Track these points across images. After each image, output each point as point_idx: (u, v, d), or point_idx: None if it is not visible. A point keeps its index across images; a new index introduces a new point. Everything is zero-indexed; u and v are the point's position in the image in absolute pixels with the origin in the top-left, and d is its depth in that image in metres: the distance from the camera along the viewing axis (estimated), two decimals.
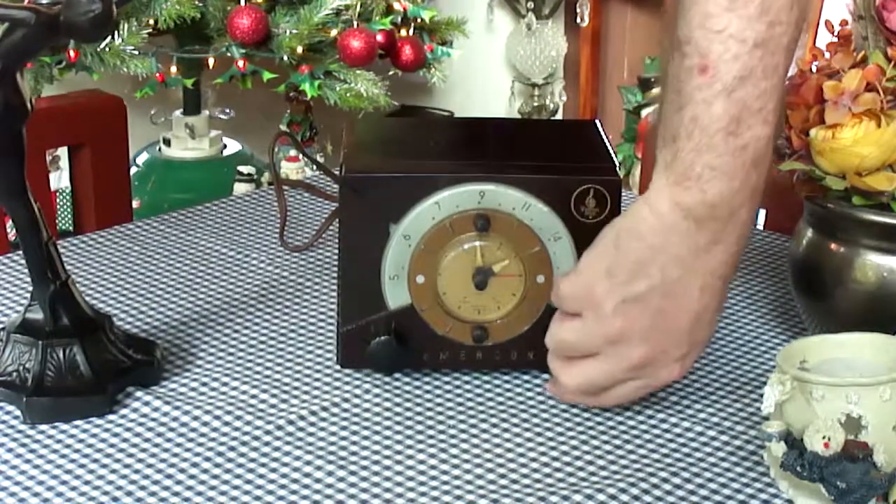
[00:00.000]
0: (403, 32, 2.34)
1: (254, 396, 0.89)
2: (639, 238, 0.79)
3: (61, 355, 0.86)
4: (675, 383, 0.90)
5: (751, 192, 0.78)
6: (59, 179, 2.32)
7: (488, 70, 3.03)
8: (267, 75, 2.20)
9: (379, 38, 2.23)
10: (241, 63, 2.15)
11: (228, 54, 2.17)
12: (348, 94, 2.18)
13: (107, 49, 2.06)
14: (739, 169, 0.77)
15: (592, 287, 0.81)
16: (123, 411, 0.86)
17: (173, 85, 2.18)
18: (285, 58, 2.16)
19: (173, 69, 2.18)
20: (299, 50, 2.15)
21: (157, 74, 2.12)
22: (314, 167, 1.43)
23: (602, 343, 0.82)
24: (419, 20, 2.34)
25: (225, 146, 2.62)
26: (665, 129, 0.79)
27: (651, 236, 0.79)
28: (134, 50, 2.07)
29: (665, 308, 0.79)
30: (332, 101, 2.22)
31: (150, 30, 2.09)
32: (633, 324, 0.80)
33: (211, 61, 2.20)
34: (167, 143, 2.54)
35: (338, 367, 0.92)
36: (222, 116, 2.57)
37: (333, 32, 2.18)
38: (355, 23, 2.19)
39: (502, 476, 0.80)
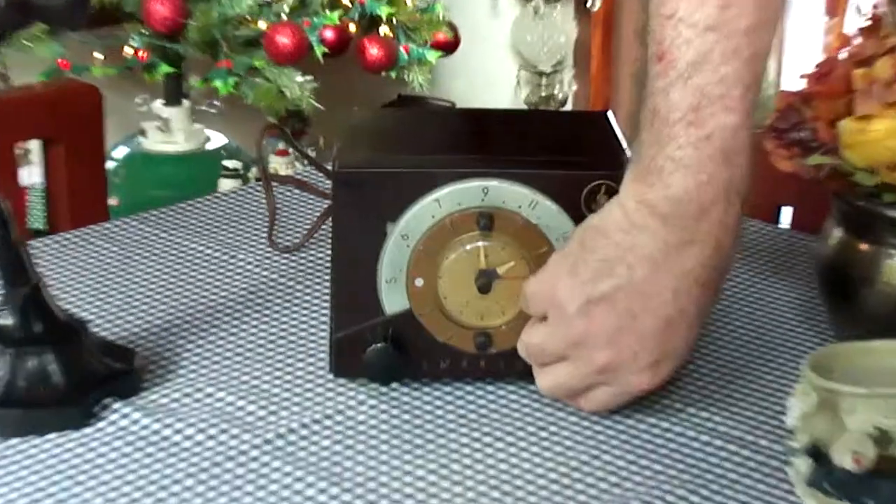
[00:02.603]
0: (384, 31, 2.33)
1: (240, 408, 0.89)
2: (605, 235, 0.81)
3: (33, 364, 0.86)
4: (693, 393, 0.91)
5: (724, 187, 0.78)
6: (31, 175, 2.32)
7: (492, 57, 3.03)
8: (164, 69, 2.20)
9: (328, 34, 2.22)
10: (140, 53, 2.15)
11: (132, 42, 2.17)
12: (268, 94, 2.19)
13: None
14: (706, 161, 0.78)
15: (555, 286, 0.82)
16: (100, 424, 0.86)
17: (77, 73, 2.17)
18: (188, 50, 2.15)
19: (98, 55, 2.18)
20: (206, 42, 2.15)
21: (60, 61, 2.11)
22: (305, 162, 1.43)
23: (566, 345, 0.83)
24: (394, 18, 2.34)
25: (209, 139, 2.62)
26: (634, 126, 0.81)
27: (617, 234, 0.80)
28: (40, 34, 2.06)
29: (633, 310, 0.80)
30: (250, 101, 2.22)
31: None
32: (597, 325, 0.81)
33: (128, 49, 2.20)
34: (144, 134, 2.54)
35: (331, 376, 0.92)
36: (211, 110, 2.58)
37: (262, 25, 2.18)
38: (284, 16, 2.18)
39: (507, 493, 0.80)
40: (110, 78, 2.23)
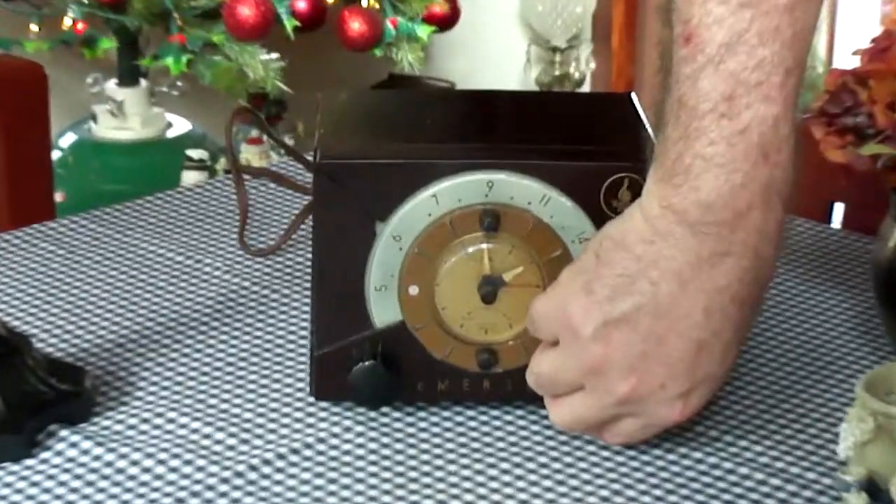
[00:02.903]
0: (368, 1, 2.33)
1: (207, 436, 0.89)
2: (624, 247, 0.80)
3: None
4: (730, 419, 0.91)
5: (762, 189, 0.78)
6: None
7: (497, 31, 3.03)
8: (105, 43, 2.19)
9: (300, 5, 2.22)
10: (79, 25, 2.14)
11: (71, 13, 2.16)
12: (227, 75, 2.18)
13: None
14: (741, 159, 0.78)
15: (567, 307, 0.82)
16: (45, 455, 0.86)
17: (5, 48, 2.16)
18: (134, 22, 2.15)
19: (34, 27, 2.18)
20: (155, 14, 2.14)
21: None
22: (282, 151, 1.43)
23: (582, 374, 0.83)
24: None
25: (170, 125, 2.62)
26: (658, 118, 0.80)
27: (639, 245, 0.80)
28: None
29: (658, 332, 0.80)
30: (207, 81, 2.22)
31: None
32: (617, 351, 0.81)
33: (68, 21, 2.20)
34: (95, 119, 2.54)
35: (311, 399, 0.92)
36: (173, 92, 2.57)
37: None
38: None
39: None
40: (55, 54, 2.23)
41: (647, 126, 0.92)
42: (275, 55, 2.26)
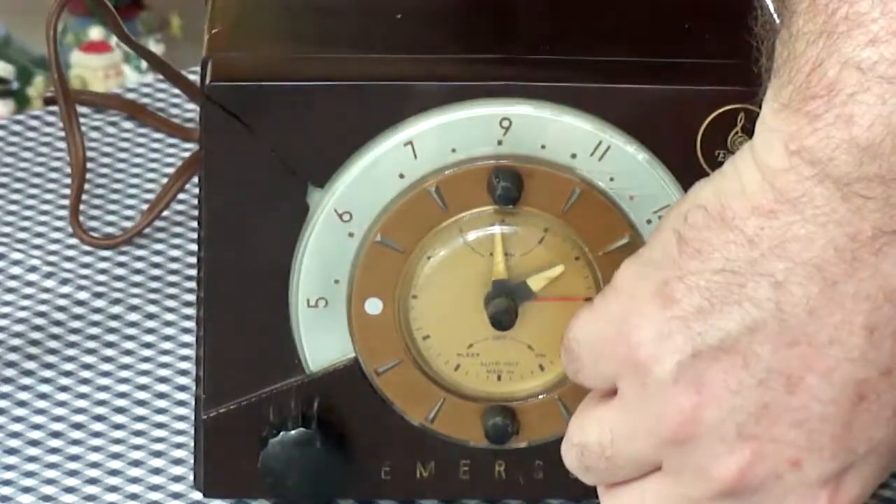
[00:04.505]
0: None
1: None
2: (727, 224, 0.80)
3: None
4: None
5: None
6: None
7: None
8: None
9: None
10: None
11: None
12: None
13: None
14: None
15: (631, 327, 0.82)
16: None
17: None
18: None
19: None
20: None
21: None
22: (145, 65, 1.40)
23: (657, 444, 0.83)
24: None
25: None
26: (781, 2, 0.81)
27: (751, 220, 0.80)
28: None
29: (788, 369, 0.80)
30: None
31: None
32: (716, 403, 0.81)
33: None
34: None
35: (197, 495, 0.92)
36: None
37: None
38: None
39: None
40: None
41: (775, 18, 0.88)
42: None
